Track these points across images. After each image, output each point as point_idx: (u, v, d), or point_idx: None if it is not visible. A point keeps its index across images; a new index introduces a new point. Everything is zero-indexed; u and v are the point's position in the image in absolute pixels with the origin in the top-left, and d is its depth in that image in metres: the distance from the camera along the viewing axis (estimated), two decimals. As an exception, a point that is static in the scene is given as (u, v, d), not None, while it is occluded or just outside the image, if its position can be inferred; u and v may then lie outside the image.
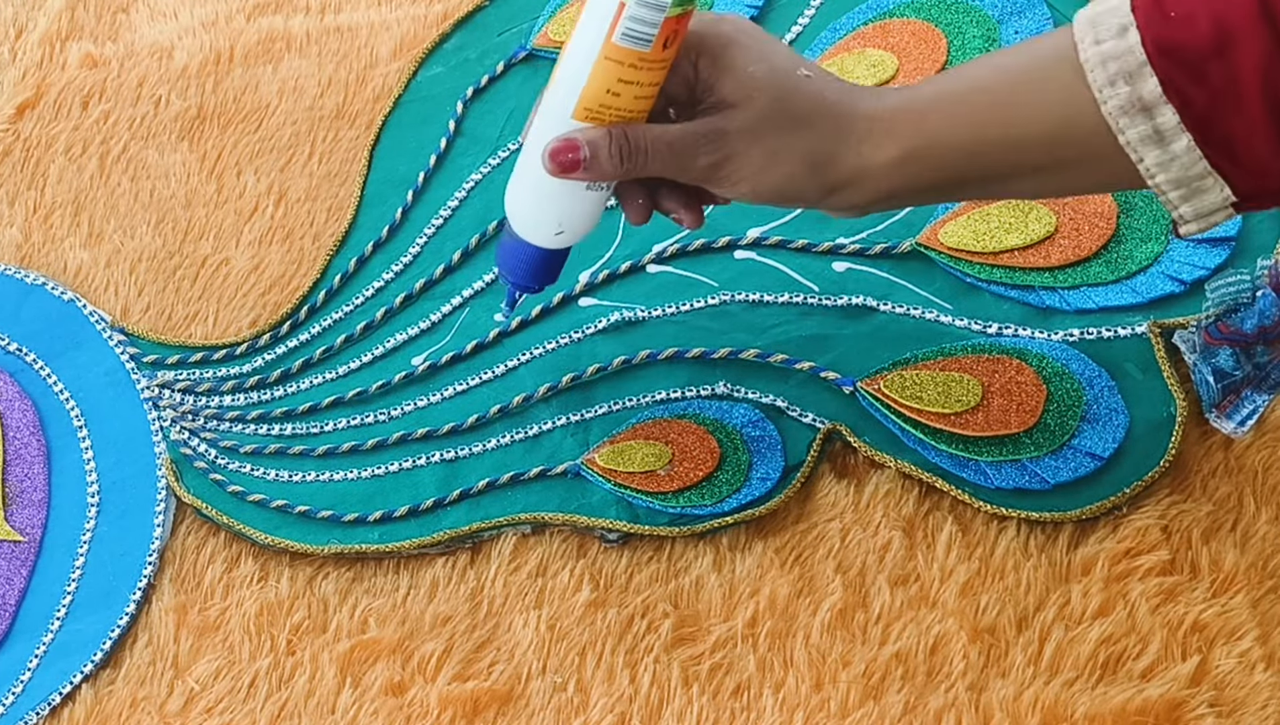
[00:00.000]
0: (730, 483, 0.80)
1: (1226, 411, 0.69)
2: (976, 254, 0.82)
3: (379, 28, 0.99)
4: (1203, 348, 0.69)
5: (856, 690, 0.74)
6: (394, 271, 0.90)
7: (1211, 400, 0.69)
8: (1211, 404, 0.69)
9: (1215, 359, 0.69)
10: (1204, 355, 0.69)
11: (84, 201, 0.95)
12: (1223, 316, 0.69)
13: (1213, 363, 0.69)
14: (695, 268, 0.86)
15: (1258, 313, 0.67)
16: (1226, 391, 0.69)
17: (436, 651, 0.78)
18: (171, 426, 0.86)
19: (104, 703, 0.79)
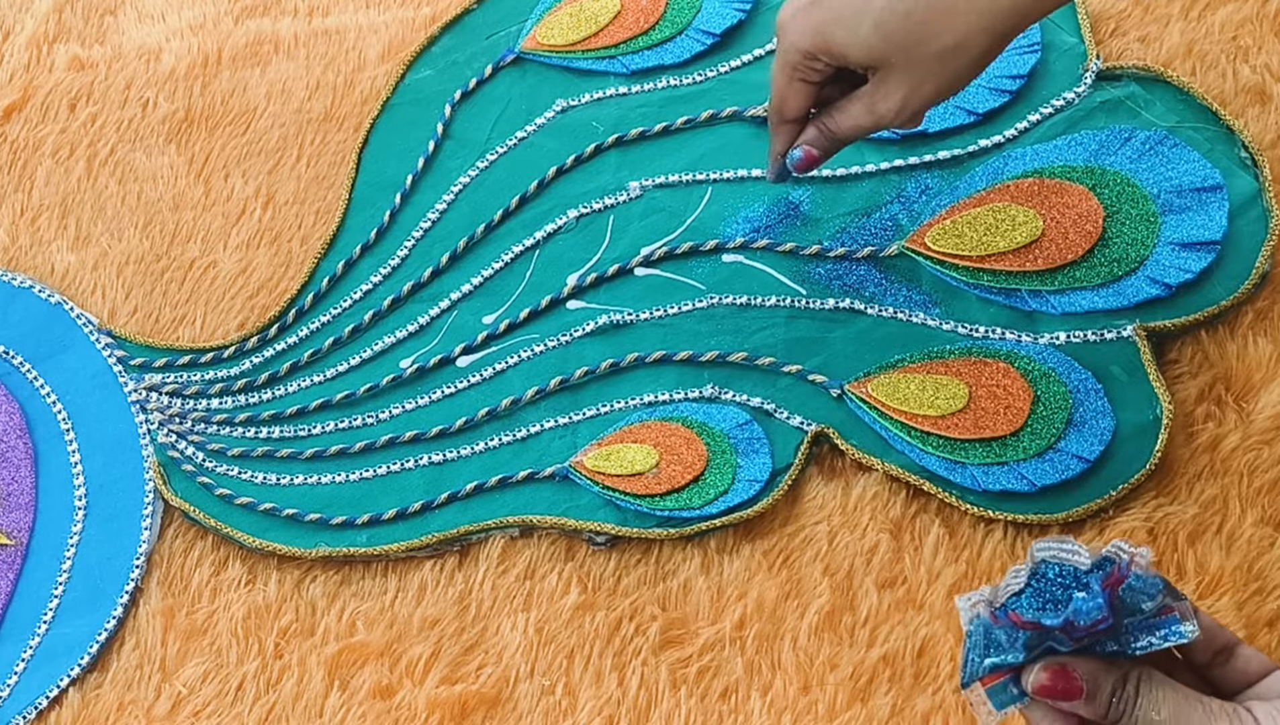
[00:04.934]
0: (718, 485, 0.80)
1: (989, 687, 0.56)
2: (963, 257, 0.83)
3: (367, 31, 0.99)
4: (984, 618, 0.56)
5: (844, 692, 0.74)
6: (382, 274, 0.90)
7: (975, 674, 0.56)
8: (975, 676, 0.56)
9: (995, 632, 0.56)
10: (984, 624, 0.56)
11: (71, 204, 0.95)
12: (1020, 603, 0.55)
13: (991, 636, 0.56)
14: (683, 271, 0.86)
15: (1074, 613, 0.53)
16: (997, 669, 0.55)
17: (424, 654, 0.78)
18: (159, 429, 0.86)
19: (91, 706, 0.79)
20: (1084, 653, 0.55)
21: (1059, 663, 0.54)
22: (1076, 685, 0.54)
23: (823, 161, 0.77)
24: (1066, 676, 0.54)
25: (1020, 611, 0.54)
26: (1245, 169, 0.83)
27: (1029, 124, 0.86)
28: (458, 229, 0.90)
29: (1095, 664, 0.54)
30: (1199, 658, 0.57)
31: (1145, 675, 0.54)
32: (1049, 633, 0.54)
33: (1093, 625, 0.53)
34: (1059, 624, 0.53)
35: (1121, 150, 0.84)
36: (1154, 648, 0.54)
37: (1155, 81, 0.86)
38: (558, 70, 0.95)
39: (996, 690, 0.56)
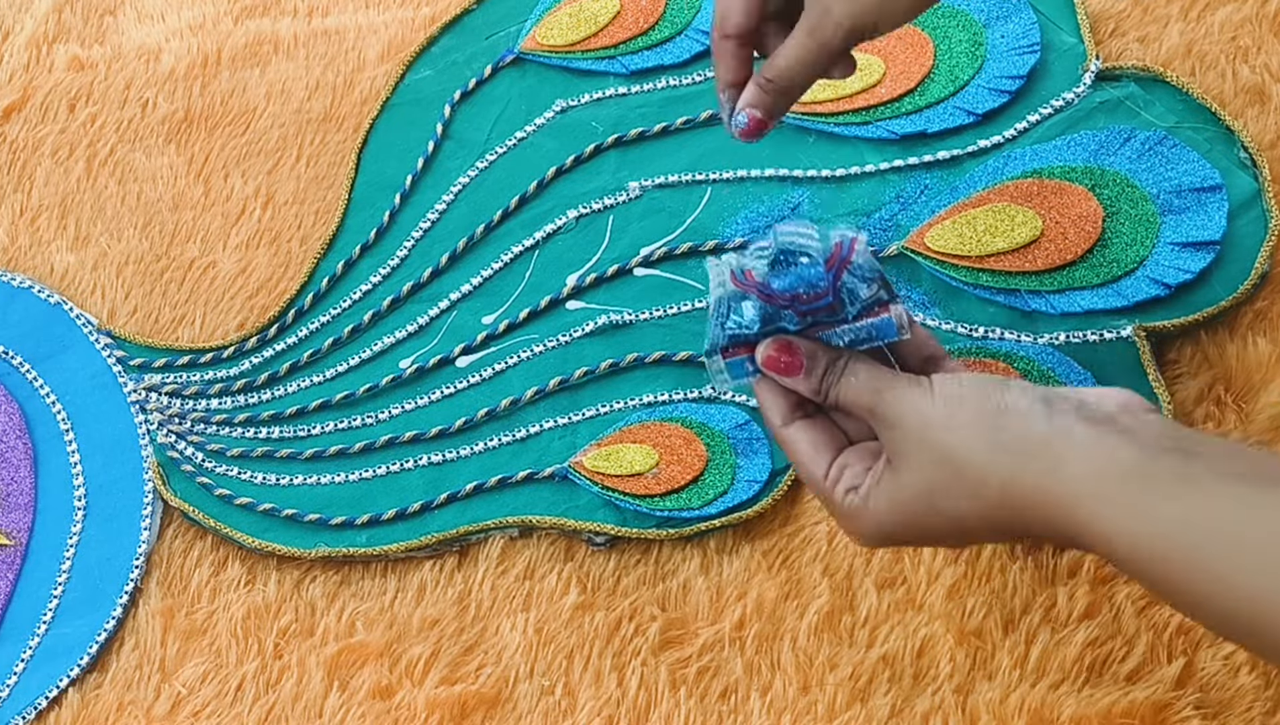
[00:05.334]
0: (717, 485, 0.80)
1: (729, 360, 0.62)
2: (963, 257, 0.83)
3: (366, 31, 0.99)
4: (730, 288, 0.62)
5: (844, 693, 0.74)
6: (381, 275, 0.90)
7: (716, 342, 0.62)
8: (716, 345, 0.62)
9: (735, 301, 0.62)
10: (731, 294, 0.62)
11: (71, 204, 0.95)
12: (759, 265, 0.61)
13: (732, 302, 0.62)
14: (682, 271, 0.86)
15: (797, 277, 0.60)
16: (735, 341, 0.62)
17: (424, 655, 0.78)
18: (158, 430, 0.86)
19: (90, 706, 0.79)
20: (807, 337, 0.62)
21: (785, 339, 0.62)
22: (799, 360, 0.61)
23: (770, 123, 0.70)
24: (791, 351, 0.62)
25: (757, 274, 0.60)
26: (1245, 169, 0.83)
27: (1028, 124, 0.86)
28: (457, 229, 0.90)
29: (815, 345, 0.62)
30: (911, 365, 0.63)
31: (853, 357, 0.61)
32: (780, 312, 0.61)
33: (815, 298, 0.60)
34: (786, 288, 0.60)
35: (1121, 150, 0.84)
36: (867, 342, 0.61)
37: (1155, 82, 0.86)
38: (557, 70, 0.95)
39: (734, 364, 0.63)
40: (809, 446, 0.62)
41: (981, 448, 0.56)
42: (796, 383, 0.62)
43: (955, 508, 0.57)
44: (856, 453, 0.62)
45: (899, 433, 0.59)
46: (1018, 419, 0.56)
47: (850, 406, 0.61)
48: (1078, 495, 0.54)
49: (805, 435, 0.63)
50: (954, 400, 0.58)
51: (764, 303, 0.61)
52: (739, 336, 0.62)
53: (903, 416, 0.58)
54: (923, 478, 0.58)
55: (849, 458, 0.62)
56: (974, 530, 0.58)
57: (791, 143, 0.89)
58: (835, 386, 0.61)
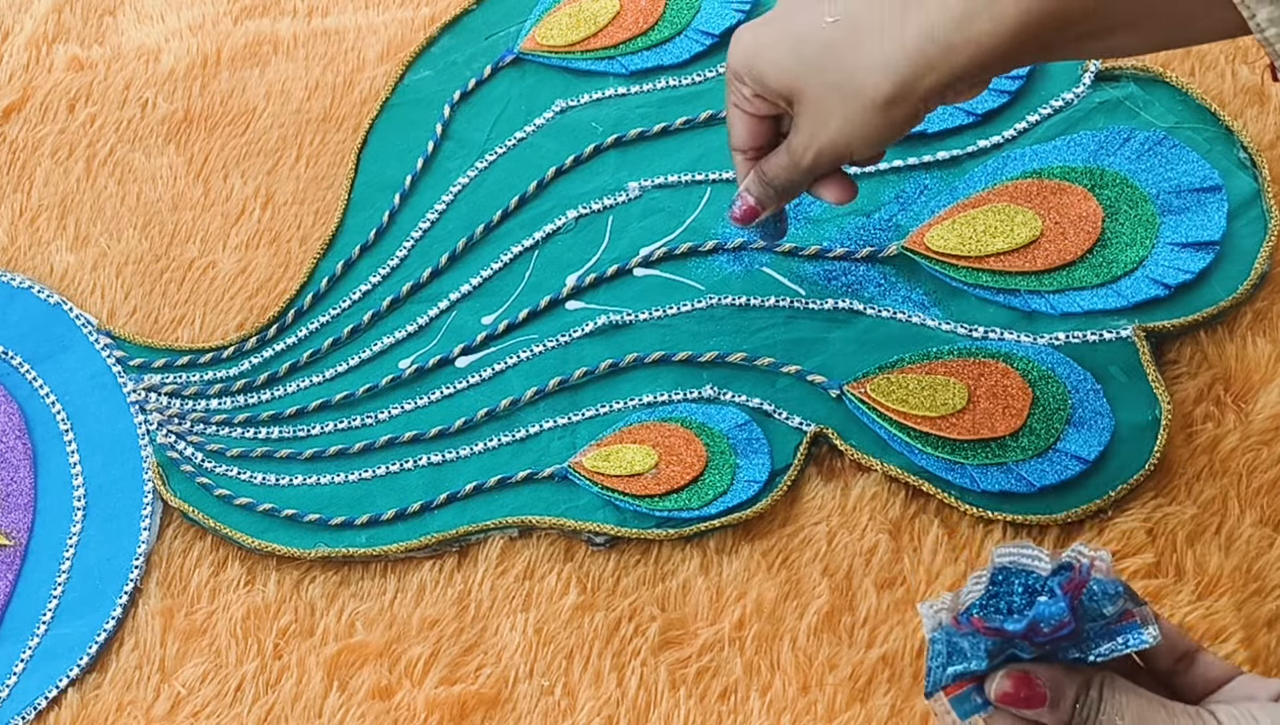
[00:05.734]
0: (717, 486, 0.80)
1: (953, 696, 0.55)
2: (962, 258, 0.83)
3: (366, 31, 0.99)
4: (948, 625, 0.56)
5: (843, 693, 0.74)
6: (381, 275, 0.90)
7: (939, 683, 0.56)
8: (938, 685, 0.56)
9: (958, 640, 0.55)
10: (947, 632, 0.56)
11: (70, 204, 0.95)
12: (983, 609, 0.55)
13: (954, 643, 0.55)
14: (682, 271, 0.86)
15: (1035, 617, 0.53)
16: (960, 677, 0.55)
17: (424, 655, 0.78)
18: (158, 430, 0.86)
19: (90, 707, 0.79)
20: (1046, 660, 0.54)
21: (1022, 669, 0.54)
22: (1040, 692, 0.54)
23: (763, 213, 0.73)
24: (1029, 683, 0.54)
25: (984, 617, 0.54)
26: (1244, 169, 0.83)
27: (1028, 124, 0.86)
28: (457, 229, 0.90)
29: (1058, 671, 0.54)
30: (1161, 664, 0.57)
31: (1108, 681, 0.54)
32: (1011, 640, 0.54)
33: (1055, 630, 0.53)
34: (1022, 629, 0.53)
35: (1120, 151, 0.84)
36: (1116, 653, 0.54)
37: (1154, 82, 0.86)
38: (557, 71, 0.95)
39: (960, 699, 0.56)
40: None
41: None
42: (1041, 714, 0.55)
43: None
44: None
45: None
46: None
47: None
48: None
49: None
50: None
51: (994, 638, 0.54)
52: (965, 674, 0.55)
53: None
54: None
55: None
56: None
57: (791, 143, 0.89)
58: (1094, 721, 0.54)
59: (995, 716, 0.55)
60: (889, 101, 0.63)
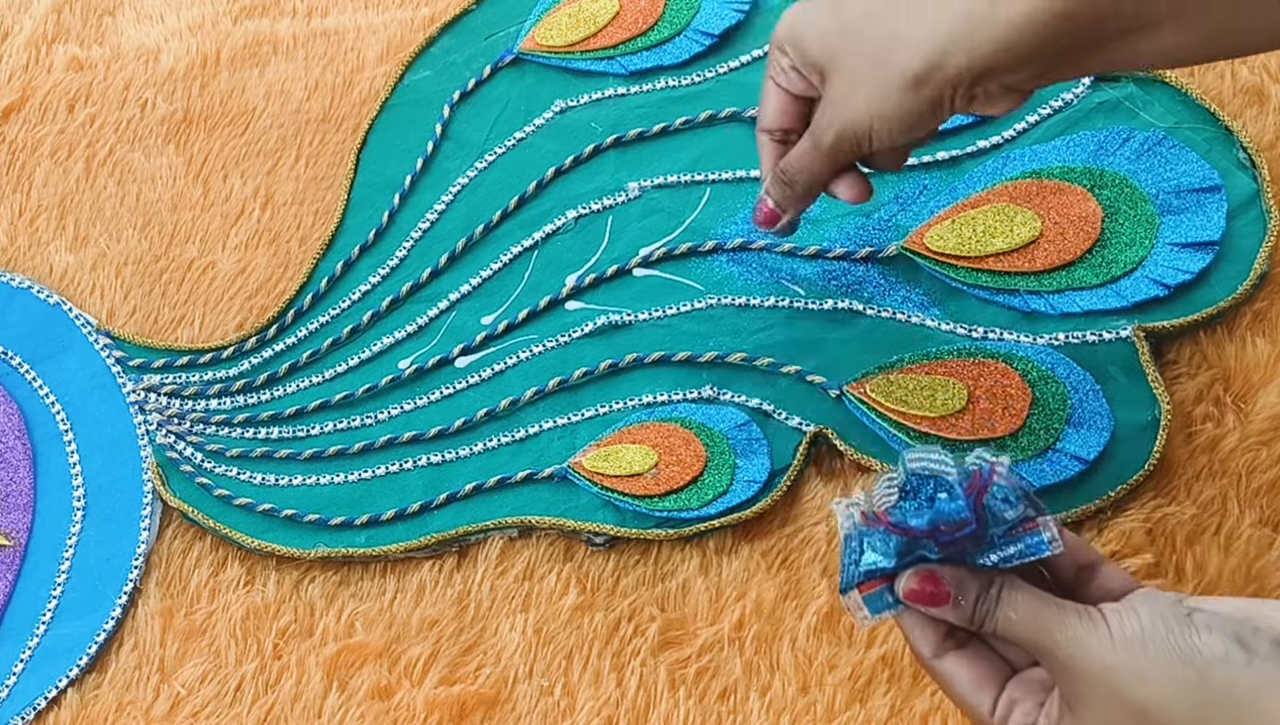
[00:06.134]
0: (716, 486, 0.80)
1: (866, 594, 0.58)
2: (962, 258, 0.83)
3: (366, 31, 0.99)
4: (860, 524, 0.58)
5: (843, 693, 0.74)
6: (380, 275, 0.90)
7: (852, 580, 0.58)
8: (851, 583, 0.58)
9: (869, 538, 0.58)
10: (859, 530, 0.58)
11: (70, 205, 0.95)
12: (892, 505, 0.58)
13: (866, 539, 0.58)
14: (681, 271, 0.86)
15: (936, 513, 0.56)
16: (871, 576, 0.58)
17: (423, 655, 0.78)
18: (157, 430, 0.86)
19: (89, 707, 0.79)
20: (952, 563, 0.57)
21: (928, 569, 0.57)
22: (945, 590, 0.57)
23: (783, 218, 0.72)
24: (935, 582, 0.57)
25: (891, 516, 0.57)
26: (1244, 169, 0.83)
27: (1027, 125, 0.86)
28: (456, 230, 0.90)
29: (962, 571, 0.57)
30: (1065, 575, 0.59)
31: (1007, 582, 0.56)
32: (919, 541, 0.57)
33: (956, 528, 0.56)
34: (925, 526, 0.56)
35: (1120, 151, 0.84)
36: (1018, 560, 0.56)
37: (1153, 82, 0.86)
38: (556, 71, 0.95)
39: (873, 597, 0.58)
40: (968, 681, 0.58)
41: (1177, 704, 0.52)
42: (945, 613, 0.57)
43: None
44: (1023, 685, 0.57)
45: (1079, 681, 0.54)
46: (1217, 669, 0.52)
47: (1012, 640, 0.56)
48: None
49: (962, 668, 0.58)
50: (1136, 645, 0.53)
51: (901, 537, 0.57)
52: (876, 572, 0.58)
53: (1080, 663, 0.54)
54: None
55: (1016, 691, 0.57)
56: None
57: (791, 143, 0.89)
58: (992, 617, 0.56)
59: (904, 615, 0.58)
60: (917, 80, 0.62)
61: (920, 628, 0.58)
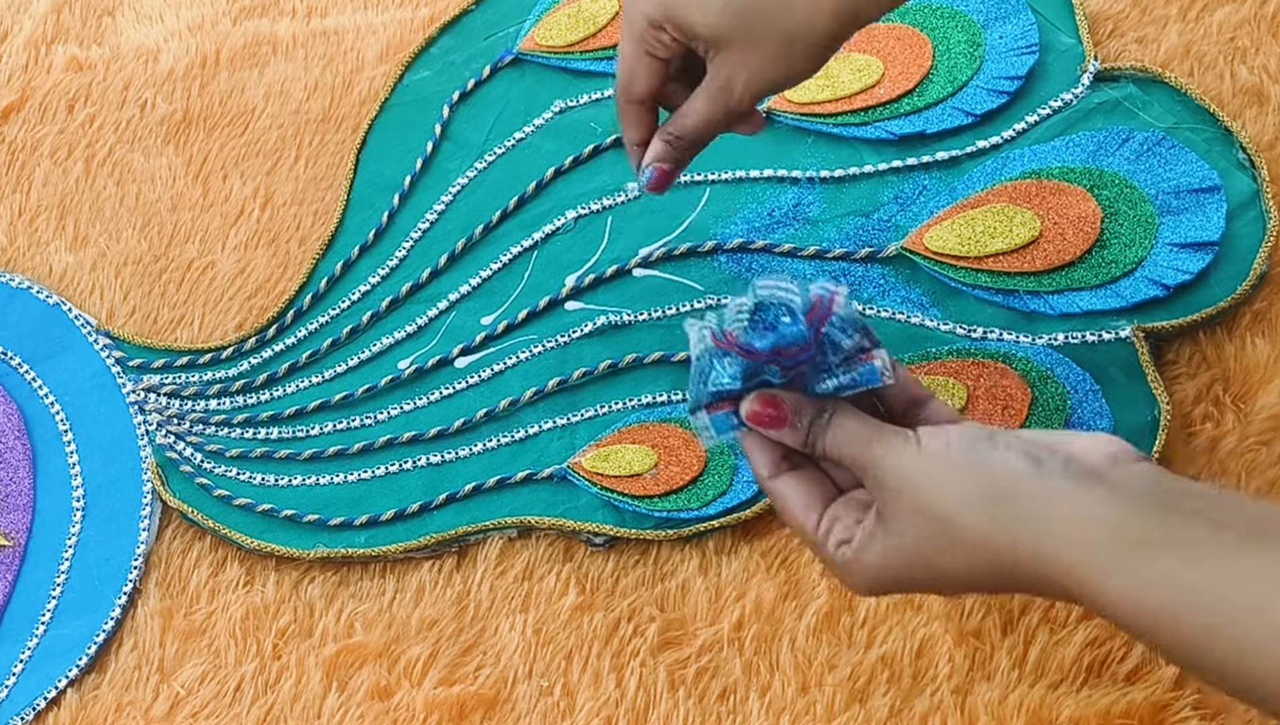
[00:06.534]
0: (716, 486, 0.80)
1: (713, 415, 0.62)
2: (961, 258, 0.83)
3: (365, 32, 0.99)
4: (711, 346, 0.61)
5: (842, 694, 0.74)
6: (380, 275, 0.90)
7: (700, 400, 0.62)
8: (699, 403, 0.62)
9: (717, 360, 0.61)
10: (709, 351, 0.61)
11: (69, 205, 0.95)
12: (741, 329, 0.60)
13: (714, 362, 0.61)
14: (681, 271, 0.86)
15: (779, 336, 0.59)
16: (718, 397, 0.61)
17: (423, 655, 0.78)
18: (157, 430, 0.86)
19: (89, 707, 0.79)
20: (792, 389, 0.61)
21: (769, 393, 0.61)
22: (784, 413, 0.61)
23: (677, 174, 0.74)
24: (775, 404, 0.61)
25: (738, 336, 0.60)
26: (1243, 170, 0.83)
27: (1027, 125, 0.86)
28: (456, 230, 0.90)
29: (799, 397, 0.61)
30: (896, 408, 0.62)
31: (839, 407, 0.61)
32: (762, 365, 0.60)
33: (798, 352, 0.59)
34: (768, 347, 0.59)
35: (1119, 151, 0.84)
36: (852, 388, 0.60)
37: (1153, 82, 0.86)
38: (556, 71, 0.95)
39: (719, 419, 0.62)
40: (797, 500, 0.62)
41: (972, 509, 0.56)
42: (783, 435, 0.61)
43: (949, 565, 0.57)
44: (845, 504, 0.61)
45: (888, 490, 0.58)
46: (1006, 478, 0.56)
47: (838, 458, 0.60)
48: (1069, 557, 0.54)
49: (793, 489, 0.62)
50: (941, 457, 0.57)
51: (746, 360, 0.60)
52: (723, 393, 0.61)
53: (890, 473, 0.58)
54: (914, 535, 0.57)
55: (838, 510, 0.61)
56: (970, 585, 0.58)
57: (790, 143, 0.89)
58: (822, 437, 0.60)
59: (747, 437, 0.62)
60: (834, 35, 0.67)
61: (759, 449, 0.62)
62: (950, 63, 0.89)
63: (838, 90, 0.89)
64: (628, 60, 0.71)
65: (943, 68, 0.89)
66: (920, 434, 0.58)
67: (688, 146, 0.73)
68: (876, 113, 0.88)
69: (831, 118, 0.88)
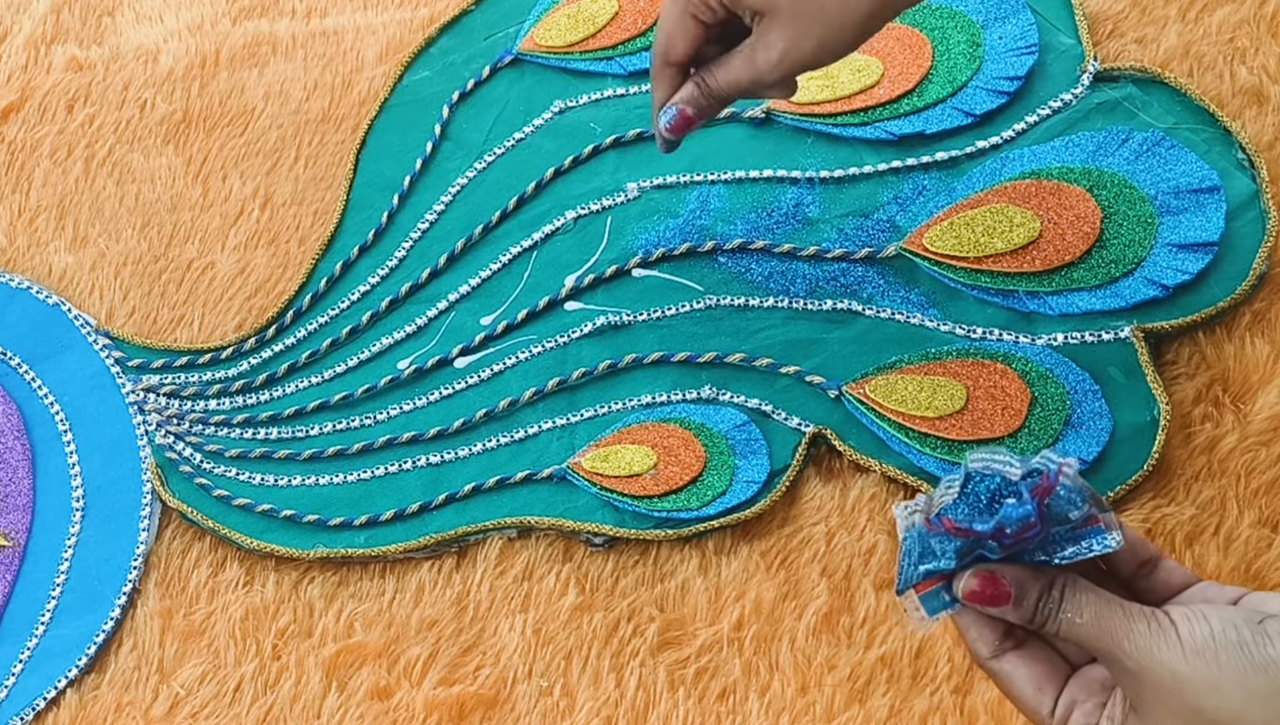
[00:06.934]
0: (716, 486, 0.80)
1: (923, 594, 0.57)
2: (961, 259, 0.83)
3: (365, 32, 0.99)
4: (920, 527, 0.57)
5: (842, 694, 0.74)
6: (380, 275, 0.90)
7: (910, 580, 0.57)
8: (909, 583, 0.57)
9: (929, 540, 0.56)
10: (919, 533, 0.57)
11: (69, 205, 0.95)
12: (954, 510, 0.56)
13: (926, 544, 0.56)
14: (681, 272, 0.86)
15: (1002, 518, 0.54)
16: (930, 575, 0.56)
17: (422, 656, 0.78)
18: (157, 431, 0.86)
19: (89, 707, 0.79)
20: (1013, 561, 0.56)
21: (988, 569, 0.56)
22: (1005, 590, 0.55)
23: (697, 124, 0.73)
24: (995, 582, 0.55)
25: (953, 518, 0.55)
26: (1243, 170, 0.83)
27: (1026, 125, 0.86)
28: (455, 230, 0.90)
29: (1023, 571, 0.56)
30: (1124, 570, 0.58)
31: (1070, 581, 0.55)
32: (980, 541, 0.55)
33: (1021, 532, 0.54)
34: (989, 530, 0.54)
35: (1119, 151, 0.84)
36: (1079, 557, 0.55)
37: (1152, 83, 0.86)
38: (555, 71, 0.95)
39: (929, 597, 0.57)
40: (1027, 681, 0.57)
41: (1257, 717, 0.51)
42: (1004, 612, 0.56)
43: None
44: (1083, 686, 0.57)
45: (1146, 688, 0.53)
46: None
47: (1077, 642, 0.55)
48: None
49: (1021, 669, 0.57)
50: (1208, 654, 0.52)
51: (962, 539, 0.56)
52: (936, 572, 0.57)
53: (1149, 670, 0.53)
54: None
55: (1076, 691, 0.57)
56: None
57: (790, 143, 0.89)
58: (1054, 619, 0.55)
59: (962, 614, 0.57)
60: (872, 14, 0.67)
61: (978, 627, 0.57)
62: (950, 63, 0.89)
63: (837, 90, 0.89)
64: (670, 22, 0.71)
65: (942, 68, 0.89)
66: (1177, 622, 0.53)
67: (715, 99, 0.72)
68: (876, 113, 0.88)
69: (831, 118, 0.88)
